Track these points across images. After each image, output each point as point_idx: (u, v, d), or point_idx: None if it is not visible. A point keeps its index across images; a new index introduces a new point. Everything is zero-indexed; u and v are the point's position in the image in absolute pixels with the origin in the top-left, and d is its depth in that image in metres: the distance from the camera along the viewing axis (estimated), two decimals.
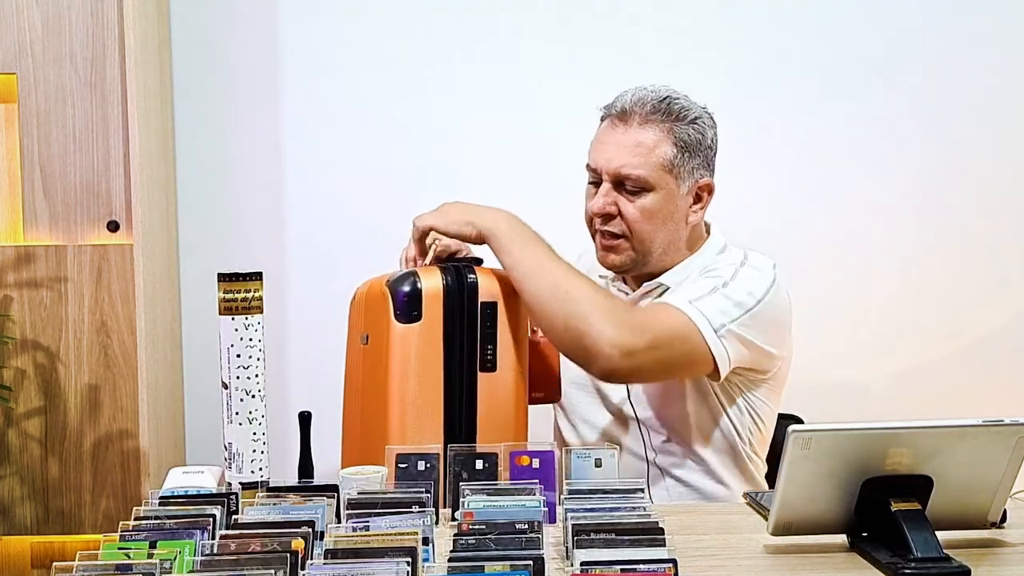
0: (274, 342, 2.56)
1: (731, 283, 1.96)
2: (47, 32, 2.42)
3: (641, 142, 1.99)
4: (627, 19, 2.80)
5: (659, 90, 2.03)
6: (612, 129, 2.03)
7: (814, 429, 1.54)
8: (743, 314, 1.92)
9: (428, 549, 1.42)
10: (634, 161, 1.99)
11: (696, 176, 2.03)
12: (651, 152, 1.99)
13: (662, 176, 2.00)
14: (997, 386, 2.85)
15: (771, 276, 2.00)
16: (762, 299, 1.95)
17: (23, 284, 2.45)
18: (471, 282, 1.91)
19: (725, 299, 1.93)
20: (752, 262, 2.02)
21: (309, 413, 1.81)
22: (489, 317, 1.91)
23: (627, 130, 2.01)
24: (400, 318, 1.89)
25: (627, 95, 2.04)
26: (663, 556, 1.35)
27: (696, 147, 2.02)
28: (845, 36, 2.82)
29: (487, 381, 1.91)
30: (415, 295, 1.89)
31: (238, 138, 2.79)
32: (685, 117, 2.01)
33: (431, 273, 1.92)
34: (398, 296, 1.90)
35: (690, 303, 1.91)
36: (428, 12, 2.78)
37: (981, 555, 1.55)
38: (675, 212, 2.02)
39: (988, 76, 2.84)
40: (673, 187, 2.01)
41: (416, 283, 1.90)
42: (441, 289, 1.90)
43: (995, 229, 2.87)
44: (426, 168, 2.81)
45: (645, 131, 2.00)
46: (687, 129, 2.01)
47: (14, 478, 2.46)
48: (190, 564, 1.32)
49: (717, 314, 1.90)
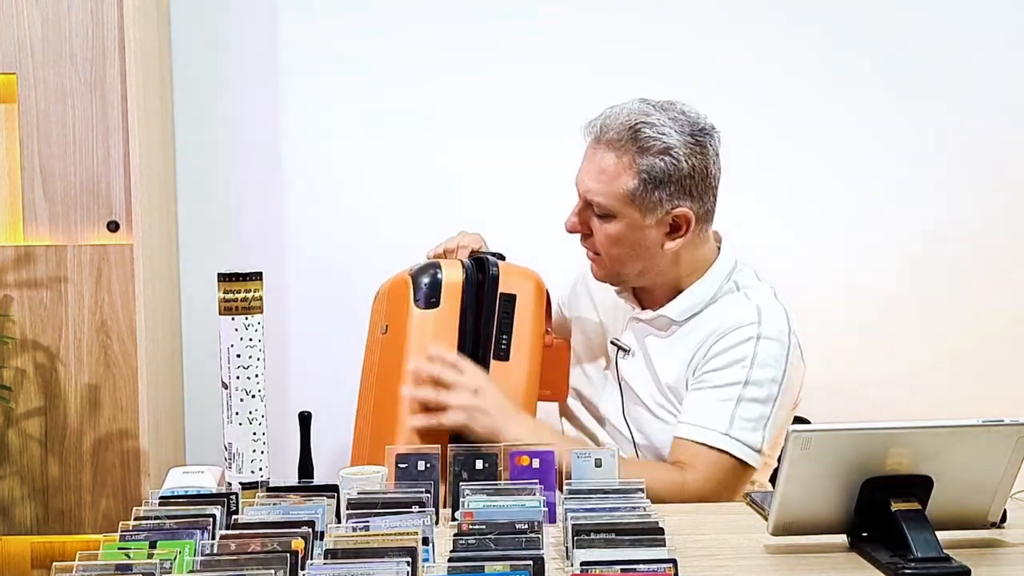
0: (274, 342, 2.56)
1: (751, 375, 1.91)
2: (47, 32, 2.42)
3: (604, 169, 1.94)
4: (632, 17, 2.79)
5: (636, 112, 1.94)
6: (591, 149, 1.99)
7: (814, 429, 1.54)
8: (773, 406, 1.92)
9: (428, 549, 1.42)
10: (596, 187, 1.95)
11: (667, 206, 1.94)
12: (612, 181, 1.94)
13: (623, 206, 1.94)
14: (998, 386, 2.85)
15: (786, 341, 1.95)
16: (784, 375, 1.93)
17: (23, 284, 2.45)
18: (492, 274, 1.98)
19: (752, 404, 1.90)
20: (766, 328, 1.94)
21: (309, 413, 1.81)
22: (507, 308, 1.97)
23: (595, 153, 1.96)
24: (419, 304, 1.95)
25: (605, 113, 1.97)
26: (663, 556, 1.35)
27: (665, 178, 1.92)
28: (846, 36, 2.82)
29: (499, 369, 1.95)
30: (435, 283, 1.96)
31: (238, 138, 2.79)
32: (651, 148, 1.91)
33: (453, 264, 2.00)
34: (419, 283, 1.97)
35: (726, 435, 1.88)
36: (429, 12, 2.78)
37: (981, 555, 1.55)
38: (643, 240, 1.96)
39: (992, 76, 2.84)
40: (637, 217, 1.94)
41: (437, 272, 1.97)
42: (462, 279, 1.97)
43: (998, 229, 2.87)
44: (427, 168, 2.81)
45: (608, 158, 1.94)
46: (653, 161, 1.91)
47: (14, 478, 2.46)
48: (190, 564, 1.32)
49: (752, 431, 1.89)
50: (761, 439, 1.90)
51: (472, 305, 1.97)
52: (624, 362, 2.07)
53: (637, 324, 2.07)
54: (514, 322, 1.97)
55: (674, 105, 1.98)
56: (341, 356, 2.80)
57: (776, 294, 2.03)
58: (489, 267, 1.99)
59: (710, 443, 1.89)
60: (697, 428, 1.91)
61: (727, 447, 1.89)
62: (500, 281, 1.98)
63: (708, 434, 1.90)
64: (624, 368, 2.07)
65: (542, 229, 2.34)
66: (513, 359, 1.97)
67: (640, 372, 2.05)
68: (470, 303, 1.96)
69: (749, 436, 1.89)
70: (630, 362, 2.06)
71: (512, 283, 1.99)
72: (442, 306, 1.95)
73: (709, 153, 1.96)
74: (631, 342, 2.07)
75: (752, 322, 1.95)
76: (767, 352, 1.93)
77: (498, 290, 1.97)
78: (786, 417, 1.97)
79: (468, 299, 1.96)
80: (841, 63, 2.83)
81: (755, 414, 1.90)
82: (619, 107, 1.98)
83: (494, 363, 1.95)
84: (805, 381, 2.04)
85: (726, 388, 1.92)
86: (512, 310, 1.98)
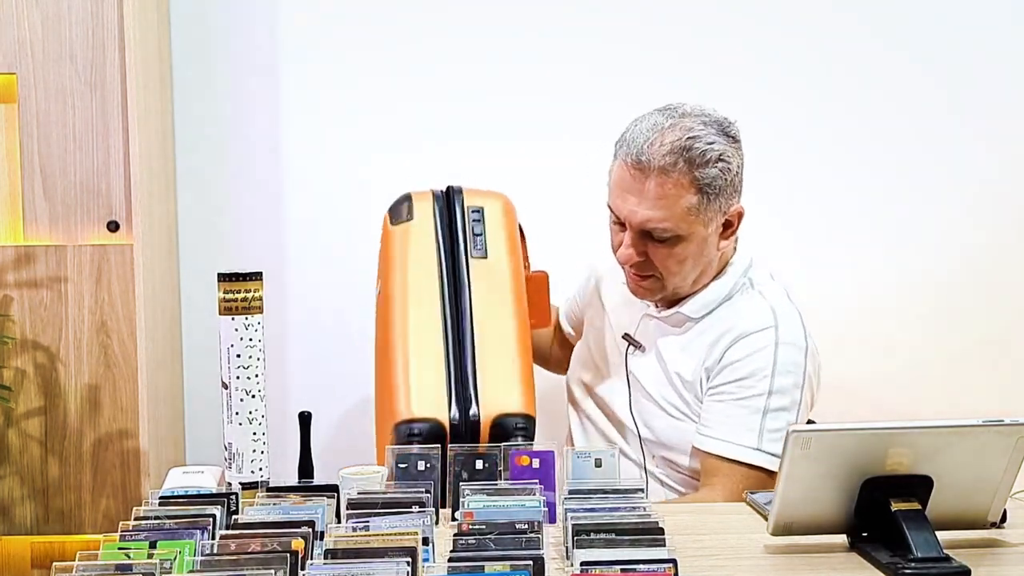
0: (274, 342, 2.56)
1: (774, 383, 1.91)
2: (47, 32, 2.42)
3: (664, 194, 1.90)
4: (631, 17, 2.79)
5: (674, 128, 1.91)
6: (631, 178, 1.92)
7: (814, 429, 1.54)
8: (798, 413, 1.92)
9: (428, 549, 1.42)
10: (658, 215, 1.91)
11: (724, 209, 1.95)
12: (675, 204, 1.90)
13: (689, 224, 1.92)
14: (998, 386, 2.85)
15: (804, 345, 1.95)
16: (804, 379, 1.93)
17: (23, 284, 2.45)
18: (458, 188, 2.15)
19: (777, 414, 1.90)
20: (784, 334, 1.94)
21: (309, 413, 1.81)
22: (476, 217, 2.11)
23: (646, 181, 1.90)
24: (394, 222, 2.11)
25: (641, 137, 1.91)
26: (663, 556, 1.35)
27: (722, 184, 1.92)
28: (847, 36, 2.82)
29: (481, 267, 2.04)
30: (407, 201, 2.14)
31: (238, 138, 2.79)
32: (707, 159, 1.90)
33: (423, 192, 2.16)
34: (393, 209, 2.15)
35: (757, 450, 1.88)
36: (430, 11, 2.78)
37: (981, 555, 1.55)
38: (705, 249, 1.97)
39: (989, 76, 2.84)
40: (701, 231, 1.94)
41: (407, 195, 2.15)
42: (431, 194, 2.14)
43: (998, 228, 2.87)
44: (427, 168, 2.80)
45: (666, 182, 1.89)
46: (710, 172, 1.90)
47: (14, 478, 2.46)
48: (190, 564, 1.32)
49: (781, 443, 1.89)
50: None
51: (443, 215, 2.11)
52: (634, 358, 2.07)
53: (651, 321, 2.07)
54: (485, 225, 2.09)
55: (687, 106, 1.97)
56: (341, 356, 2.81)
57: (789, 295, 2.03)
58: (454, 188, 2.16)
59: (742, 459, 1.89)
60: (727, 444, 1.91)
61: (759, 462, 1.89)
62: (466, 196, 2.14)
63: (739, 450, 1.89)
64: (633, 363, 2.07)
65: (543, 229, 2.34)
66: (491, 256, 2.06)
67: (651, 368, 2.04)
68: (442, 214, 2.11)
69: (779, 447, 1.88)
70: (640, 358, 2.07)
71: (478, 199, 2.15)
72: (416, 218, 2.09)
73: (741, 146, 1.98)
74: (643, 338, 2.07)
75: (769, 326, 1.95)
76: (787, 358, 1.93)
77: (464, 202, 2.13)
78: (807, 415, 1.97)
79: (439, 211, 2.11)
80: (845, 64, 2.82)
81: (782, 424, 1.89)
82: (648, 125, 1.93)
83: (474, 262, 2.04)
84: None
85: (751, 400, 1.91)
86: (482, 218, 2.11)
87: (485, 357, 1.95)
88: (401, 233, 2.09)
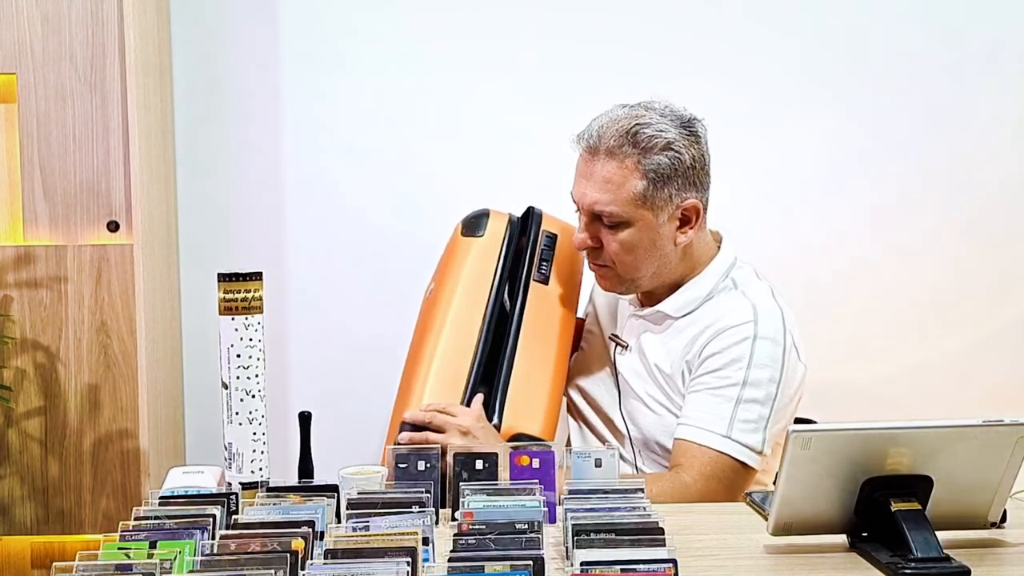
0: (274, 342, 2.56)
1: (749, 375, 1.91)
2: (47, 32, 2.42)
3: (609, 178, 1.95)
4: (630, 18, 2.79)
5: (628, 117, 1.96)
6: (584, 162, 1.99)
7: (814, 429, 1.54)
8: (772, 408, 1.92)
9: (428, 549, 1.42)
10: (604, 198, 1.96)
11: (677, 200, 1.97)
12: (620, 188, 1.95)
13: (635, 210, 1.96)
14: (997, 386, 2.85)
15: (782, 340, 1.95)
16: (782, 374, 1.94)
17: (23, 284, 2.45)
18: (537, 213, 2.17)
19: (750, 405, 1.91)
20: (763, 327, 1.95)
21: (309, 413, 1.81)
22: (549, 242, 2.14)
23: (595, 163, 1.96)
24: (465, 233, 2.14)
25: (595, 124, 1.99)
26: (663, 556, 1.35)
27: (671, 174, 1.95)
28: (847, 36, 2.82)
29: (538, 292, 2.09)
30: (482, 216, 2.16)
31: (238, 138, 2.79)
32: (654, 146, 1.94)
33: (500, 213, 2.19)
34: (467, 220, 2.18)
35: (726, 438, 1.89)
36: (430, 11, 2.78)
37: (981, 555, 1.55)
38: (657, 239, 1.98)
39: (990, 76, 2.84)
40: (650, 218, 1.96)
41: (486, 214, 2.17)
42: (507, 218, 2.17)
43: (998, 228, 2.87)
44: (427, 168, 2.81)
45: (611, 165, 1.95)
46: (657, 159, 1.94)
47: (14, 478, 2.46)
48: (190, 564, 1.32)
49: (751, 433, 1.90)
50: (761, 440, 1.90)
51: (515, 237, 2.14)
52: (622, 358, 2.09)
53: (635, 320, 2.08)
54: (555, 253, 2.13)
55: (655, 103, 2.01)
56: (341, 356, 2.82)
57: (774, 293, 2.03)
58: (534, 211, 2.18)
59: (710, 445, 1.90)
60: (697, 430, 1.91)
61: (727, 449, 1.89)
62: (544, 221, 2.16)
63: (708, 436, 1.90)
64: (621, 363, 2.08)
65: None
66: (552, 284, 2.11)
67: (635, 366, 2.06)
68: (513, 237, 2.14)
69: (749, 438, 1.90)
70: (627, 357, 2.08)
71: (555, 226, 2.17)
72: (486, 236, 2.12)
73: (702, 142, 2.00)
74: (629, 337, 2.08)
75: (748, 321, 1.95)
76: (764, 352, 1.93)
77: (542, 226, 2.15)
78: (786, 417, 1.98)
79: (511, 235, 2.13)
80: (845, 63, 2.82)
81: (754, 415, 1.90)
82: (605, 115, 1.99)
83: (534, 285, 2.09)
84: (806, 381, 2.04)
85: (724, 389, 1.92)
86: (553, 245, 2.14)
87: (520, 376, 1.99)
88: (467, 245, 2.12)
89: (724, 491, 1.89)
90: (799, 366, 2.00)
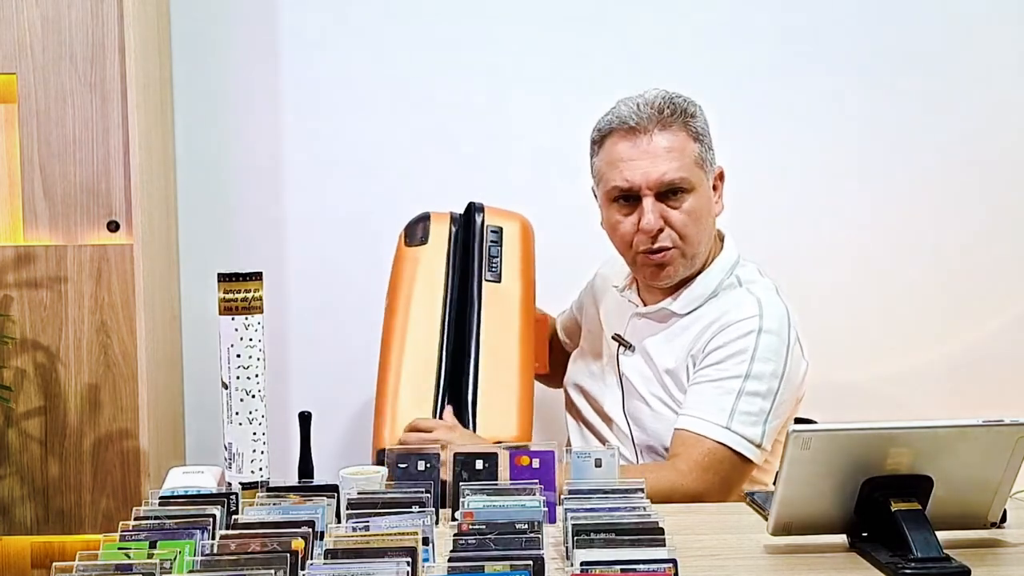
0: (274, 342, 2.56)
1: (752, 368, 1.92)
2: (47, 32, 2.42)
3: (670, 147, 1.98)
4: (629, 19, 2.79)
5: (653, 95, 2.01)
6: (631, 144, 1.99)
7: (814, 429, 1.54)
8: (774, 400, 1.92)
9: (428, 549, 1.42)
10: (673, 166, 1.97)
11: (714, 165, 2.05)
12: (682, 153, 1.98)
13: (697, 173, 2.00)
14: (998, 386, 2.85)
15: (786, 335, 1.95)
16: (785, 369, 1.93)
17: (23, 284, 2.45)
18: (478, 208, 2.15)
19: (752, 398, 1.90)
20: (767, 322, 1.95)
21: (309, 413, 1.81)
22: (495, 237, 2.11)
23: (646, 140, 1.98)
24: (408, 243, 2.12)
25: (625, 108, 2.01)
26: (663, 556, 1.35)
27: (708, 136, 2.04)
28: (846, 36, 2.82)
29: (493, 292, 2.06)
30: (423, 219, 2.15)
31: (238, 138, 2.79)
32: (690, 111, 2.01)
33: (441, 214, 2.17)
34: (409, 229, 2.16)
35: (726, 428, 1.89)
36: (430, 13, 2.78)
37: (981, 555, 1.55)
38: (709, 206, 2.03)
39: (990, 77, 2.84)
40: (705, 182, 2.02)
41: (426, 219, 2.15)
42: (448, 217, 2.15)
43: (998, 228, 2.87)
44: (427, 168, 2.81)
45: (666, 135, 1.98)
46: (697, 122, 2.02)
47: (14, 478, 2.46)
48: (190, 564, 1.32)
49: (752, 426, 1.89)
50: (761, 433, 1.90)
51: (460, 238, 2.12)
52: (625, 358, 2.08)
53: (639, 320, 2.08)
54: (503, 247, 2.10)
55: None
56: (341, 356, 2.81)
57: (778, 290, 2.03)
58: (475, 208, 2.15)
59: (709, 435, 1.89)
60: (697, 420, 1.92)
61: (726, 440, 1.89)
62: (487, 214, 2.14)
63: (708, 427, 1.90)
64: (624, 364, 2.08)
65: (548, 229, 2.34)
66: (505, 280, 2.08)
67: (639, 366, 2.06)
68: (458, 237, 2.11)
69: (749, 430, 1.90)
70: (630, 358, 2.08)
71: (499, 218, 2.15)
72: (431, 241, 2.10)
73: None
74: (632, 338, 2.08)
75: (753, 315, 1.96)
76: (767, 346, 1.94)
77: (485, 222, 2.12)
78: (787, 413, 1.97)
79: (456, 234, 2.11)
80: (846, 64, 2.82)
81: (755, 408, 1.90)
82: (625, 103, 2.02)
83: (487, 285, 2.06)
84: (808, 379, 2.04)
85: (726, 381, 1.92)
86: (500, 239, 2.11)
87: (487, 382, 1.98)
88: (412, 257, 2.11)
89: (720, 484, 1.88)
90: (802, 362, 2.00)
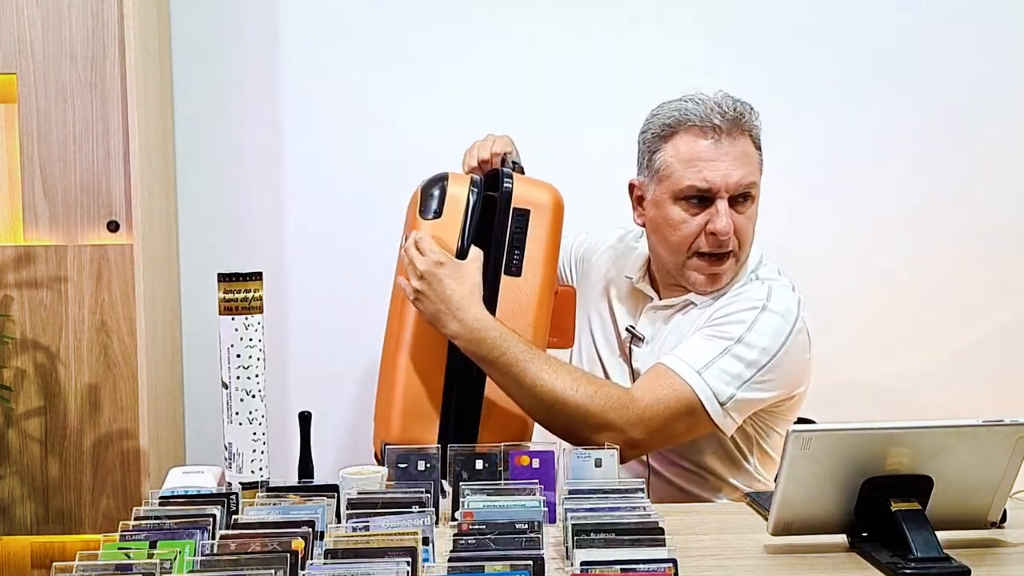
0: (274, 342, 2.56)
1: (746, 336, 1.91)
2: (47, 32, 2.42)
3: (745, 151, 1.99)
4: (631, 18, 2.79)
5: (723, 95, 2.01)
6: (712, 144, 1.97)
7: (814, 429, 1.54)
8: (755, 373, 1.90)
9: (428, 549, 1.42)
10: (749, 170, 1.98)
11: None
12: (752, 159, 2.00)
13: (759, 179, 2.02)
14: (998, 386, 2.85)
15: (792, 320, 1.95)
16: (779, 351, 1.92)
17: (23, 284, 2.45)
18: (506, 188, 1.95)
19: (736, 360, 1.90)
20: (775, 304, 1.96)
21: (309, 413, 1.81)
22: (519, 223, 1.94)
23: (731, 142, 1.97)
24: (423, 214, 1.95)
25: (697, 107, 1.98)
26: (663, 556, 1.35)
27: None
28: (850, 36, 2.82)
29: (510, 285, 1.94)
30: (440, 194, 1.95)
31: (238, 138, 2.79)
32: (756, 119, 2.02)
33: (461, 178, 1.98)
34: (425, 194, 1.97)
35: (698, 373, 1.88)
36: (429, 10, 2.78)
37: (981, 555, 1.55)
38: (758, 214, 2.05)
39: (993, 75, 2.83)
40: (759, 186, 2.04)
41: (444, 183, 1.96)
42: (467, 191, 1.95)
43: (1001, 228, 2.87)
44: (427, 168, 2.80)
45: (743, 140, 1.99)
46: (759, 130, 2.02)
47: (14, 478, 2.46)
48: (190, 564, 1.32)
49: (724, 383, 1.88)
50: (730, 395, 1.89)
51: (479, 217, 1.94)
52: (638, 350, 2.08)
53: (655, 312, 2.08)
54: (527, 237, 1.94)
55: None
56: (341, 356, 2.81)
57: (794, 287, 2.05)
58: (503, 181, 1.95)
59: (678, 372, 1.89)
60: (674, 358, 1.92)
61: (693, 382, 1.88)
62: (514, 196, 1.94)
63: (681, 365, 1.90)
64: (637, 356, 2.08)
65: None
66: (525, 275, 1.94)
67: (651, 360, 2.05)
68: (476, 215, 1.94)
69: (719, 385, 1.88)
70: (643, 350, 2.07)
71: (526, 198, 1.95)
72: (444, 217, 1.93)
73: None
74: (645, 330, 2.08)
75: (762, 297, 1.98)
76: (768, 323, 1.94)
77: (511, 205, 1.94)
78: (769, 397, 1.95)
79: (474, 211, 1.94)
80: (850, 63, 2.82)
81: (735, 370, 1.90)
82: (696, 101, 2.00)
83: (505, 278, 1.93)
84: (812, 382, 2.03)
85: (718, 339, 1.93)
86: (525, 226, 1.94)
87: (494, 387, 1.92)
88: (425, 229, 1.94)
89: (666, 426, 1.87)
90: (805, 354, 2.00)
